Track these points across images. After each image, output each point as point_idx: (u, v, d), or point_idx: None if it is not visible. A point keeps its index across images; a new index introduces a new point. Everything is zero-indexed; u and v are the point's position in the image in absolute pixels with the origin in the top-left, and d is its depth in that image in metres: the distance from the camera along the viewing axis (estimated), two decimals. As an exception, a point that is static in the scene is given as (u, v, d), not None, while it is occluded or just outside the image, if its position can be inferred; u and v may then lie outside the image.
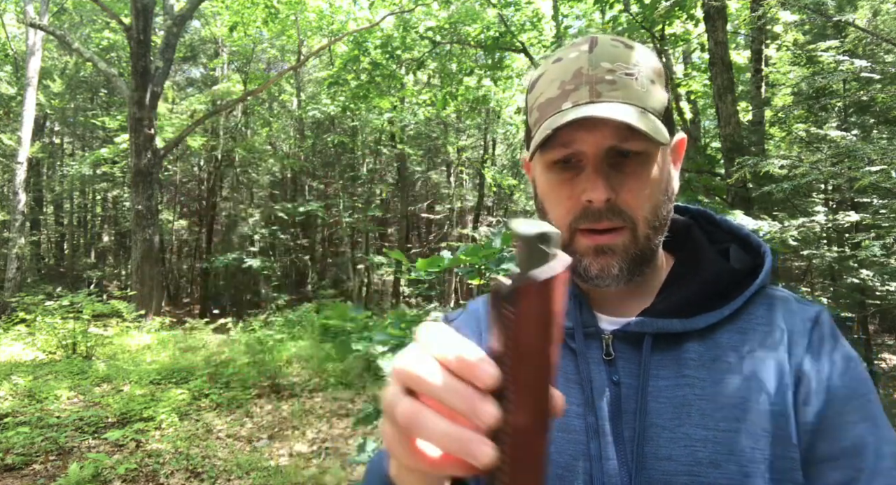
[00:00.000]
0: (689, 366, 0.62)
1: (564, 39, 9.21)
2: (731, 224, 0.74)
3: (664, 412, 0.60)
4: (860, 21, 4.11)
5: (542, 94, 0.64)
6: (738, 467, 0.57)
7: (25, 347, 7.29)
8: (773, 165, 2.93)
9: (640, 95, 0.61)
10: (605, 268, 0.63)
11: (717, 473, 0.56)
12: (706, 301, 0.64)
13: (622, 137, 0.60)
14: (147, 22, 10.35)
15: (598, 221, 0.62)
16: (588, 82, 0.61)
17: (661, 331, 0.63)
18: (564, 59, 0.64)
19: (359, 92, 10.77)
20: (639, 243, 0.63)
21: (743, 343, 0.62)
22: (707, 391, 0.60)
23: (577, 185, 0.62)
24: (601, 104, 0.59)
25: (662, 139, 0.59)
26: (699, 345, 0.63)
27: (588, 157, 0.61)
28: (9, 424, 4.56)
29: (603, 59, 0.61)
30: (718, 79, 4.76)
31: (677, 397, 0.60)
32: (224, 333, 9.10)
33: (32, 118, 12.48)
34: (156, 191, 10.89)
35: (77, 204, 19.90)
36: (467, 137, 18.22)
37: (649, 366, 0.62)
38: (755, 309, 0.65)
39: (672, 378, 0.62)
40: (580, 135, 0.60)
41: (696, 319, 0.63)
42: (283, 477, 3.84)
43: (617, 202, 0.61)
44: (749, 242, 0.72)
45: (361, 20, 12.74)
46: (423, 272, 2.32)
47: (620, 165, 0.62)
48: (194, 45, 17.45)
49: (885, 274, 3.48)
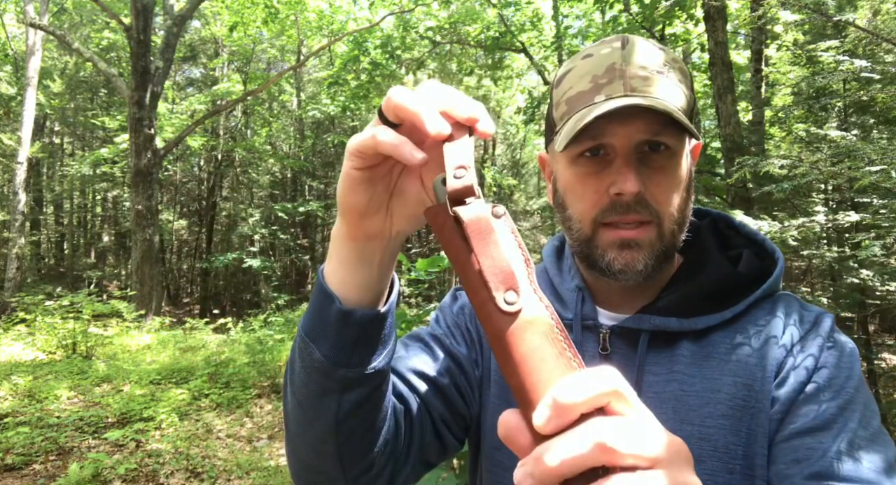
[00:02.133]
0: (681, 363, 0.62)
1: (564, 39, 9.21)
2: (748, 229, 0.74)
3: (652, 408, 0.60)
4: (860, 21, 4.11)
5: (571, 88, 0.64)
6: (721, 464, 0.57)
7: (25, 347, 7.29)
8: (773, 165, 2.93)
9: (671, 93, 0.61)
10: (631, 263, 0.62)
11: (699, 468, 0.56)
12: (705, 303, 0.64)
13: (655, 131, 0.60)
14: (147, 22, 10.35)
15: (626, 215, 0.61)
16: (622, 77, 0.61)
17: (657, 329, 0.63)
18: (595, 54, 0.64)
19: (359, 92, 10.77)
20: (664, 239, 0.63)
21: (736, 343, 0.62)
22: (696, 388, 0.60)
23: (606, 177, 0.62)
24: (637, 97, 0.59)
25: (695, 134, 0.60)
26: (693, 344, 0.63)
27: (617, 149, 0.61)
28: (9, 424, 4.56)
29: (635, 56, 0.62)
30: (718, 79, 4.76)
31: (665, 392, 0.61)
32: (224, 333, 9.10)
33: (32, 118, 12.47)
34: (156, 191, 10.89)
35: (77, 204, 19.89)
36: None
37: (644, 363, 0.63)
38: (757, 312, 0.65)
39: (663, 374, 0.62)
40: (612, 127, 0.60)
41: (695, 319, 0.63)
42: (283, 477, 3.84)
43: (645, 196, 0.61)
44: (764, 248, 0.72)
45: (361, 20, 12.74)
46: (423, 272, 2.32)
47: (649, 160, 0.62)
48: (194, 45, 17.45)
49: (885, 274, 3.48)
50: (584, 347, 0.66)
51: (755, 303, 0.65)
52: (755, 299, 0.65)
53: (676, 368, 0.62)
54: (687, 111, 0.62)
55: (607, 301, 0.70)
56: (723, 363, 0.61)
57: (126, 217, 17.05)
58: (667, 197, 0.62)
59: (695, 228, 0.74)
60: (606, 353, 0.65)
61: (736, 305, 0.64)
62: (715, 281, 0.66)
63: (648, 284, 0.67)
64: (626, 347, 0.65)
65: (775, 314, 0.64)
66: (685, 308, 0.64)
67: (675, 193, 0.63)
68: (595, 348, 0.66)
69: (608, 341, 0.65)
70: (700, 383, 0.60)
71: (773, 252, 0.70)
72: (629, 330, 0.65)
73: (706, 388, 0.60)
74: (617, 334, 0.65)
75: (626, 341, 0.65)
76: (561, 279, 0.73)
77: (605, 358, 0.65)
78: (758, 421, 0.58)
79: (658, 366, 0.62)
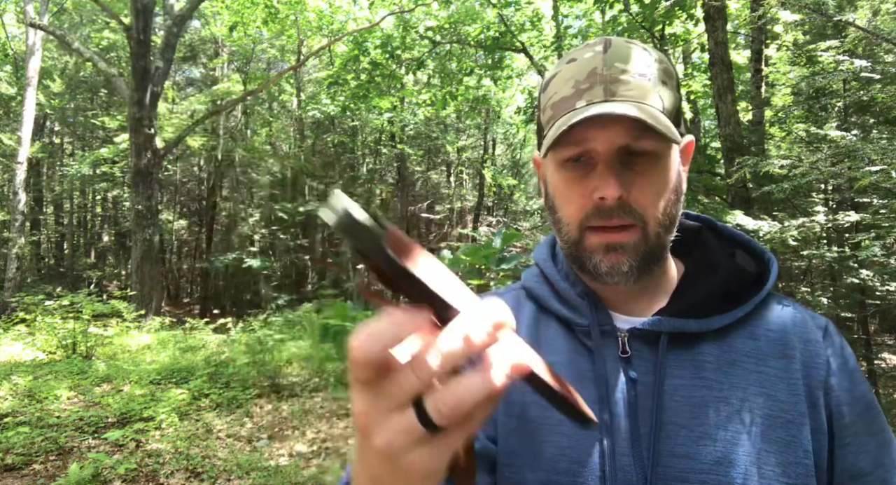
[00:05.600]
0: (707, 368, 0.63)
1: (564, 39, 9.21)
2: (731, 231, 0.75)
3: (682, 411, 0.61)
4: (860, 21, 4.11)
5: (556, 94, 0.65)
6: (755, 468, 0.58)
7: (25, 347, 7.29)
8: (773, 165, 2.93)
9: (653, 96, 0.62)
10: (616, 265, 0.63)
11: (734, 472, 0.57)
12: (720, 302, 0.65)
13: (635, 136, 0.60)
14: (147, 22, 10.35)
15: (610, 219, 0.62)
16: (602, 82, 0.61)
17: (677, 330, 0.64)
18: (579, 59, 0.65)
19: (359, 92, 10.76)
20: (649, 241, 0.64)
21: (757, 349, 0.64)
22: (724, 394, 0.61)
23: (589, 182, 0.63)
24: (616, 103, 0.60)
25: (675, 138, 0.60)
26: (715, 347, 0.64)
27: (600, 155, 0.62)
28: (9, 424, 4.56)
29: (617, 60, 0.62)
30: (718, 79, 4.76)
31: (695, 397, 0.61)
32: (224, 333, 9.09)
33: (32, 118, 12.47)
34: (156, 191, 10.89)
35: (77, 204, 19.87)
36: (467, 137, 18.22)
37: (665, 364, 0.63)
38: (765, 313, 0.66)
39: (689, 378, 0.62)
40: (593, 133, 0.61)
41: (711, 320, 0.64)
42: (283, 477, 3.84)
43: (628, 200, 0.62)
44: (753, 249, 0.73)
45: (361, 20, 12.74)
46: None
47: (632, 164, 0.62)
48: (194, 45, 17.45)
49: (885, 274, 3.48)
50: (604, 352, 0.66)
51: (760, 303, 0.66)
52: (761, 299, 0.66)
53: (704, 373, 0.62)
54: (670, 112, 0.63)
55: (618, 306, 0.70)
56: (748, 373, 0.63)
57: (126, 217, 17.05)
58: (651, 200, 0.63)
59: (693, 229, 0.75)
60: (627, 356, 0.65)
61: (745, 305, 0.65)
62: (728, 280, 0.67)
63: (647, 285, 0.68)
64: (647, 350, 0.65)
65: (786, 321, 0.66)
66: (701, 308, 0.65)
67: (660, 196, 0.63)
68: (615, 352, 0.66)
69: (627, 344, 0.66)
70: (729, 389, 0.61)
71: (763, 253, 0.71)
72: (648, 332, 0.65)
73: (737, 397, 0.61)
74: (636, 337, 0.66)
75: (646, 344, 0.65)
76: (566, 284, 0.73)
77: (626, 360, 0.65)
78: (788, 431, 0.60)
79: (681, 369, 0.63)
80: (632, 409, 0.62)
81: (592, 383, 0.64)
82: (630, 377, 0.63)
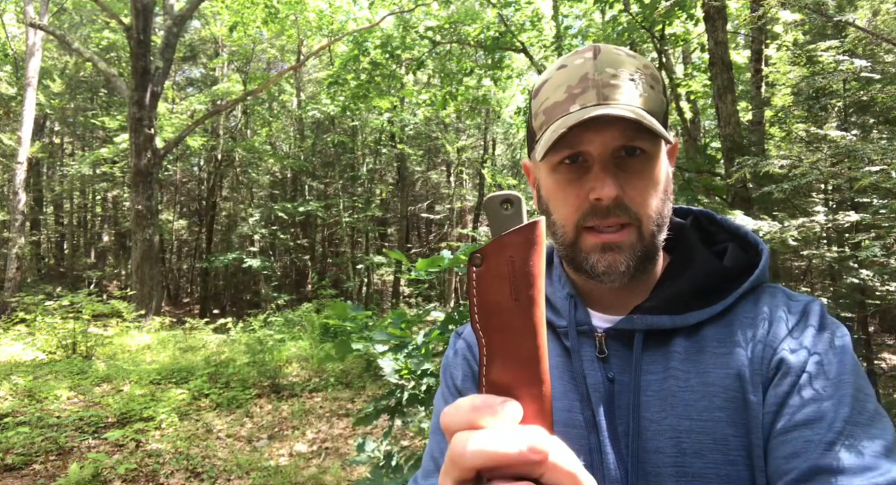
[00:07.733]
0: (675, 359, 0.63)
1: (564, 39, 9.21)
2: (731, 223, 0.76)
3: (652, 406, 0.61)
4: (860, 21, 4.11)
5: (548, 99, 0.67)
6: (722, 456, 0.57)
7: (25, 347, 7.29)
8: (773, 165, 2.92)
9: (644, 99, 0.64)
10: (612, 265, 0.64)
11: (700, 462, 0.57)
12: (696, 299, 0.65)
13: (629, 137, 0.62)
14: (147, 22, 10.35)
15: (606, 218, 0.63)
16: (595, 86, 0.63)
17: (651, 328, 0.64)
18: (569, 65, 0.66)
19: (359, 92, 10.75)
20: (644, 241, 0.65)
21: (727, 335, 0.63)
22: (691, 382, 0.61)
23: (585, 184, 0.64)
24: (610, 106, 0.61)
25: (668, 138, 0.62)
26: (686, 340, 0.64)
27: (594, 156, 0.63)
28: (9, 424, 4.56)
29: (607, 65, 0.64)
30: (718, 79, 4.75)
31: (663, 389, 0.62)
32: (224, 333, 9.09)
33: (32, 118, 12.47)
34: (156, 191, 10.89)
35: (77, 204, 19.88)
36: (467, 137, 18.23)
37: (641, 362, 0.64)
38: (745, 305, 0.66)
39: (660, 373, 0.63)
40: (588, 135, 0.62)
41: (687, 315, 0.64)
42: (283, 477, 3.84)
43: (624, 200, 0.63)
44: (748, 240, 0.73)
45: (361, 20, 12.74)
46: (423, 272, 2.31)
47: (626, 165, 0.64)
48: (194, 45, 17.45)
49: (885, 274, 3.48)
50: (581, 352, 0.67)
51: (743, 295, 0.66)
52: (743, 292, 0.65)
53: (671, 364, 0.63)
54: (659, 115, 0.65)
55: (599, 304, 0.71)
56: (715, 357, 0.62)
57: (126, 217, 17.05)
58: (645, 199, 0.64)
59: (679, 226, 0.75)
60: (604, 356, 0.66)
61: (725, 299, 0.65)
62: (702, 276, 0.67)
63: (635, 283, 0.68)
64: (623, 349, 0.66)
65: (761, 306, 0.65)
66: (676, 305, 0.65)
67: (653, 196, 0.65)
68: (592, 353, 0.66)
69: (604, 344, 0.66)
70: (695, 377, 0.61)
71: (758, 244, 0.71)
72: (623, 331, 0.66)
73: (701, 382, 0.61)
74: (612, 337, 0.66)
75: (622, 343, 0.66)
76: (553, 289, 0.74)
77: (604, 360, 0.65)
78: (752, 413, 0.58)
79: (655, 364, 0.63)
80: (610, 408, 0.63)
81: (572, 383, 0.66)
82: (608, 377, 0.64)
